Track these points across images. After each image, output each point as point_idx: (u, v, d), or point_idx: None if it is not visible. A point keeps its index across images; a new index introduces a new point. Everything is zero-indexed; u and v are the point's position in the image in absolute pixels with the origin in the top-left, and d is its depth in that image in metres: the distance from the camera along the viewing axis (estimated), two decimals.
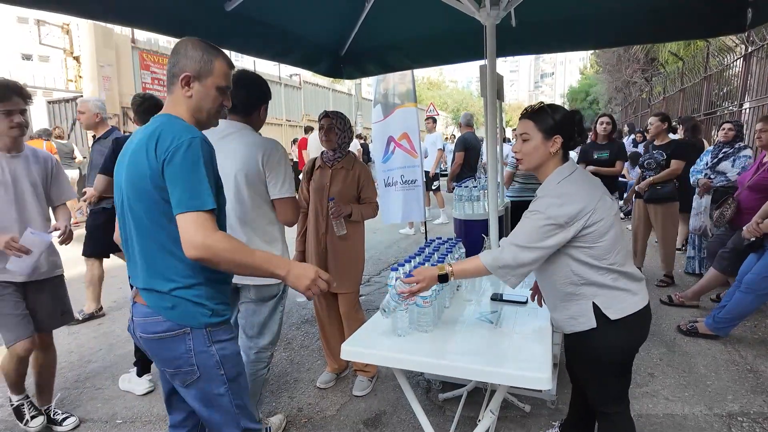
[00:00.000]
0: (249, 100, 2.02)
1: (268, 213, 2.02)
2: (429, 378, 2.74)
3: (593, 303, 1.54)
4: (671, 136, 4.71)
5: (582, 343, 1.61)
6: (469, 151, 5.95)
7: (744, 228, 3.17)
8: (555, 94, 72.80)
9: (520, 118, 1.65)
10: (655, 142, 4.41)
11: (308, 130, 11.74)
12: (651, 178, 4.27)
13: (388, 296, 1.65)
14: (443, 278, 1.60)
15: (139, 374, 2.79)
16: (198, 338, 1.35)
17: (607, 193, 1.59)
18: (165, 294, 1.33)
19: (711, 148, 4.49)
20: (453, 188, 5.90)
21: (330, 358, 2.85)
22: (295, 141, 11.75)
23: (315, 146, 5.30)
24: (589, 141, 4.98)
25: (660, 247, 4.44)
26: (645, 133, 6.87)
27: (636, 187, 4.42)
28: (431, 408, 2.52)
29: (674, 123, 5.89)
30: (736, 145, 4.24)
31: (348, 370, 2.93)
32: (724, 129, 4.32)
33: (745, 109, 6.56)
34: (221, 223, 1.40)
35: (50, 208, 2.43)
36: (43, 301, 2.33)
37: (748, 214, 3.41)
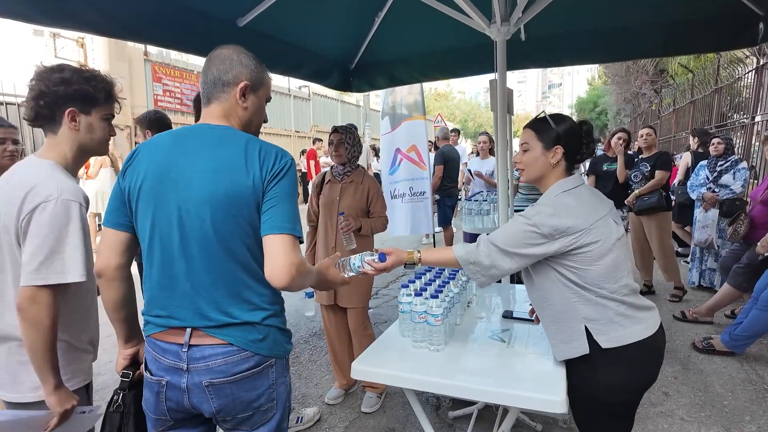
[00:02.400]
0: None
1: None
2: (439, 395, 2.70)
3: (585, 326, 1.40)
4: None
5: (576, 375, 1.45)
6: (448, 163, 6.00)
7: (759, 243, 3.12)
8: (563, 105, 72.72)
9: (523, 128, 1.58)
10: (642, 155, 4.44)
11: (316, 141, 11.81)
12: (637, 190, 4.27)
13: (355, 260, 1.55)
14: (410, 265, 1.61)
15: None
16: (279, 368, 1.24)
17: (614, 216, 1.48)
18: (257, 325, 1.18)
19: (704, 162, 4.52)
20: (436, 201, 5.98)
21: (338, 373, 2.83)
22: (303, 152, 11.81)
23: None
24: (600, 153, 4.97)
25: (658, 258, 4.41)
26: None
27: (626, 201, 4.41)
28: (441, 426, 2.48)
29: (686, 131, 5.90)
30: (731, 159, 4.32)
31: (357, 385, 2.90)
32: (713, 144, 4.44)
33: (758, 121, 6.50)
34: None
35: None
36: None
37: (762, 229, 3.37)
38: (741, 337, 3.08)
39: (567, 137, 1.48)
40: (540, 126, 1.51)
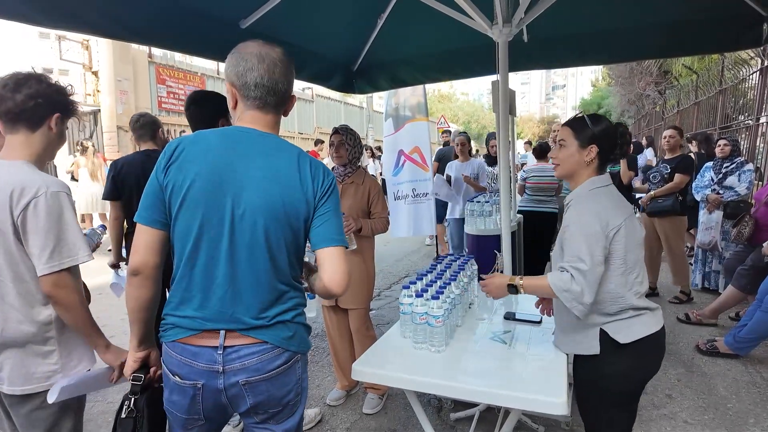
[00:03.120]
0: (204, 116, 2.10)
1: None
2: (440, 396, 2.70)
3: (600, 329, 1.48)
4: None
5: (586, 367, 1.53)
6: (441, 161, 6.22)
7: (765, 245, 3.10)
8: (567, 106, 72.52)
9: (561, 126, 1.65)
10: (665, 156, 4.36)
11: (318, 142, 11.76)
12: (653, 191, 4.23)
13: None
14: (513, 289, 1.57)
15: None
16: (303, 363, 1.31)
17: (635, 217, 1.54)
18: (288, 323, 1.24)
19: (710, 164, 4.48)
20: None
21: (340, 375, 2.83)
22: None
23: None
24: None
25: (669, 261, 4.37)
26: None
27: (640, 201, 4.38)
28: (443, 428, 2.48)
29: (686, 135, 5.84)
30: (736, 160, 4.28)
31: (358, 387, 2.90)
32: (719, 145, 4.38)
33: (763, 122, 6.46)
34: None
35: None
36: None
37: (767, 231, 3.34)
38: (745, 340, 3.06)
39: (602, 137, 1.53)
40: (577, 125, 1.57)
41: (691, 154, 5.47)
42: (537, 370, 1.55)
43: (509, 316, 2.01)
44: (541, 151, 5.19)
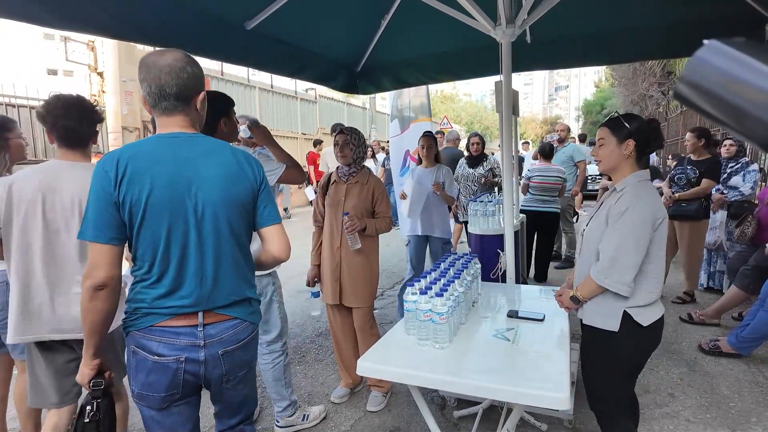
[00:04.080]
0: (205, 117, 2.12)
1: None
2: (444, 394, 2.72)
3: (625, 311, 1.66)
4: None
5: (605, 340, 1.71)
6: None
7: (767, 245, 3.10)
8: (570, 107, 72.36)
9: (599, 127, 1.84)
10: (692, 158, 4.22)
11: (317, 143, 11.62)
12: (677, 194, 4.18)
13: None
14: (575, 300, 1.77)
15: None
16: (257, 332, 1.53)
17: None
18: (252, 300, 1.47)
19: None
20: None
21: (344, 372, 2.85)
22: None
23: (331, 158, 5.33)
24: None
25: (685, 263, 4.32)
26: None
27: (662, 201, 4.35)
28: (446, 425, 2.49)
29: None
30: (741, 160, 4.25)
31: (362, 385, 2.92)
32: (725, 145, 4.34)
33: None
34: None
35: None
36: None
37: None
38: (748, 339, 3.06)
39: (637, 132, 1.71)
40: (614, 124, 1.76)
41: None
42: (540, 366, 1.57)
43: (513, 314, 2.03)
44: (546, 152, 5.20)
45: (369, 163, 9.64)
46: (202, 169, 1.32)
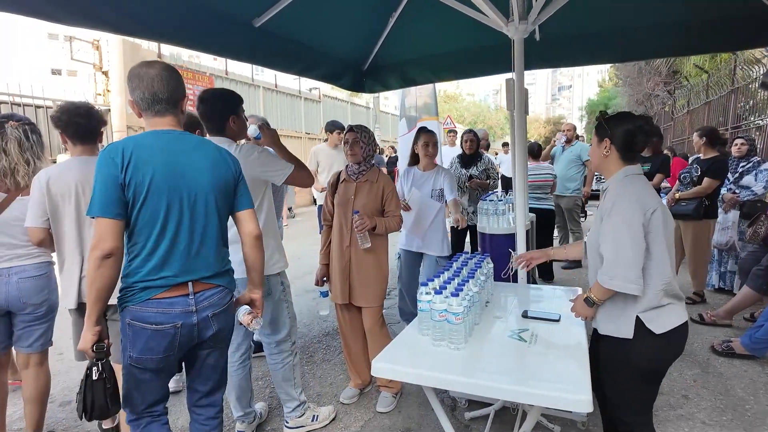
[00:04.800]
0: (214, 114, 2.15)
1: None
2: (454, 396, 2.68)
3: (637, 316, 1.60)
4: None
5: (619, 348, 1.65)
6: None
7: None
8: (573, 107, 72.17)
9: None
10: (701, 157, 4.19)
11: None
12: (678, 193, 4.16)
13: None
14: (589, 302, 1.69)
15: None
16: (233, 297, 1.76)
17: (666, 207, 1.66)
18: (229, 271, 1.73)
19: None
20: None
21: (353, 373, 2.82)
22: None
23: (324, 156, 5.10)
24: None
25: (689, 263, 4.30)
26: None
27: (665, 201, 4.31)
28: (457, 427, 2.46)
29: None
30: (753, 159, 4.20)
31: (371, 385, 2.89)
32: (737, 144, 4.29)
33: None
34: None
35: None
36: None
37: None
38: (762, 341, 3.02)
39: (614, 132, 1.70)
40: (597, 125, 1.78)
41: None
42: (559, 368, 1.53)
43: (527, 315, 2.00)
44: (534, 152, 5.24)
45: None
46: (193, 160, 1.57)
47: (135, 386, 1.60)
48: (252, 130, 2.35)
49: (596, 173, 10.12)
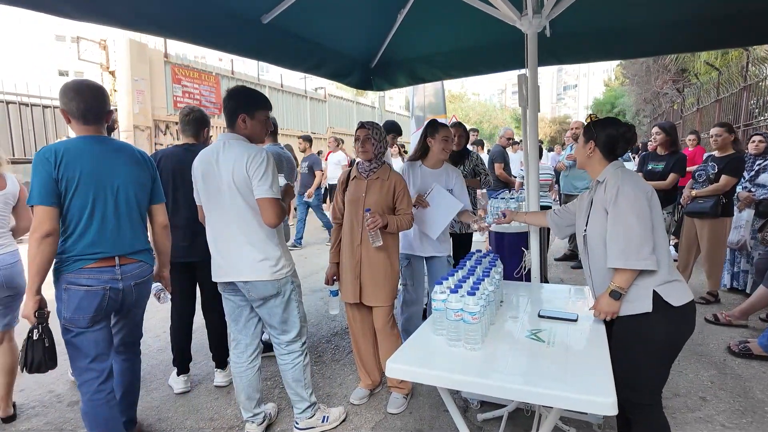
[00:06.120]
0: (228, 111, 2.20)
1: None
2: (466, 397, 2.64)
3: (654, 290, 1.68)
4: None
5: (637, 324, 1.71)
6: None
7: None
8: (578, 107, 71.76)
9: None
10: (716, 154, 4.11)
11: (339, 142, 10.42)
12: (694, 191, 4.08)
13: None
14: (616, 294, 1.72)
15: (178, 373, 2.92)
16: (153, 270, 2.19)
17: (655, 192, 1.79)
18: (148, 249, 2.11)
19: None
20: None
21: (363, 373, 2.78)
22: (320, 153, 11.73)
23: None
24: (649, 151, 4.84)
25: (704, 262, 4.22)
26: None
27: (681, 199, 4.24)
28: (470, 428, 2.38)
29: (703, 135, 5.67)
30: None
31: (381, 386, 2.85)
32: (754, 141, 4.22)
33: None
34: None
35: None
36: None
37: None
38: None
39: (599, 136, 1.87)
40: (585, 126, 1.95)
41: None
42: (581, 369, 1.48)
43: (543, 314, 1.95)
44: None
45: (397, 161, 9.28)
46: (115, 159, 1.96)
47: (73, 347, 1.91)
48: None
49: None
